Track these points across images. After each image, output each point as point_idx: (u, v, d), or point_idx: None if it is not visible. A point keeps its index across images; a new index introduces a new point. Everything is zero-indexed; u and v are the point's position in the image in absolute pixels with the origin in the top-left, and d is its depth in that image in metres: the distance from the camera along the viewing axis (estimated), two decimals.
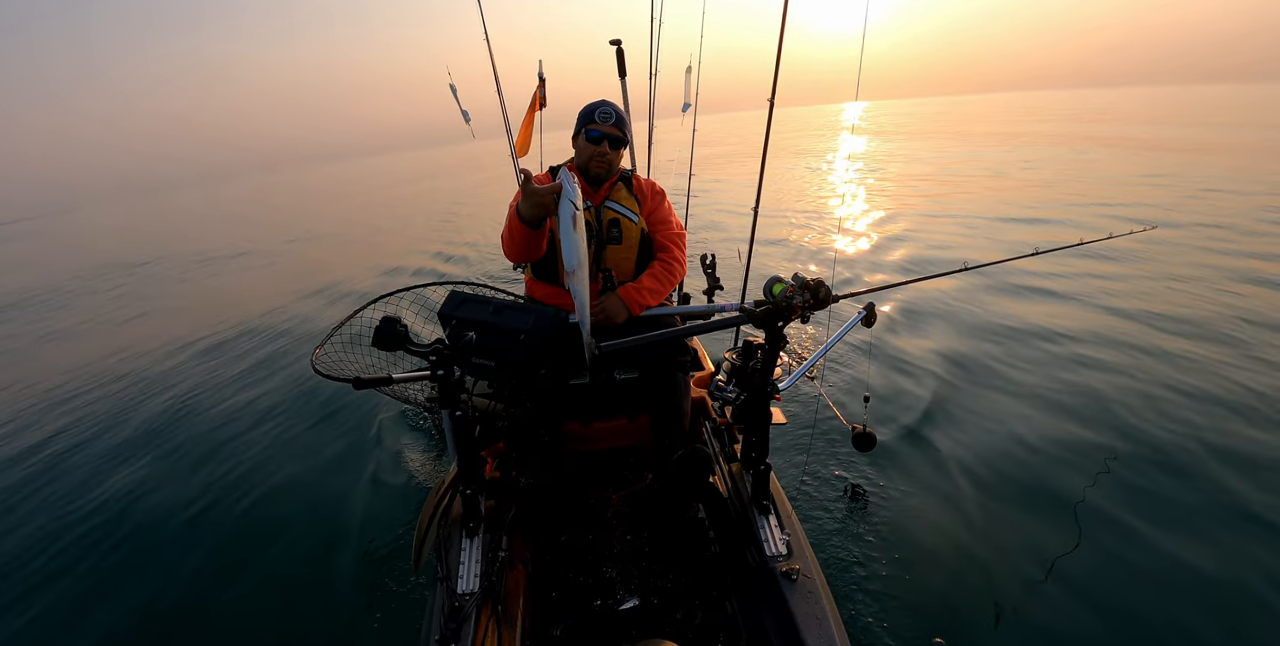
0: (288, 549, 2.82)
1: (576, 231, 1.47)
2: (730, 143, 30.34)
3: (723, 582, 1.82)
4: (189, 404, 4.64)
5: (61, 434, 4.38)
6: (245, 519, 3.09)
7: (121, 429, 4.32)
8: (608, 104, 2.12)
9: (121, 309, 8.79)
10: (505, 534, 1.75)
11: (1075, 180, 12.12)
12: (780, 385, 1.85)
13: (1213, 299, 5.03)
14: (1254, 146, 15.90)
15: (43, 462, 3.95)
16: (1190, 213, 8.26)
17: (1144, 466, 2.93)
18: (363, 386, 1.46)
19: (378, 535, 2.80)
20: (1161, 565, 2.34)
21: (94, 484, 3.60)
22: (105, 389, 5.21)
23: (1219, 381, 3.65)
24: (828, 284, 1.72)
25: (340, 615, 2.38)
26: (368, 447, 3.62)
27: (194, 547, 2.91)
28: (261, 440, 3.89)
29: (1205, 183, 10.53)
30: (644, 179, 2.30)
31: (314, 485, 3.31)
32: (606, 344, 1.63)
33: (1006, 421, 3.40)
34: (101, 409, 4.76)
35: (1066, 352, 4.23)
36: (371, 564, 2.62)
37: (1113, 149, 17.43)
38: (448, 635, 1.44)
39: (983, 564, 2.40)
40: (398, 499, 3.06)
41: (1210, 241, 6.82)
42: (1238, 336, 4.26)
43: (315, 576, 2.61)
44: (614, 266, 2.16)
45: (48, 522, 3.23)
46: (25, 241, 29.43)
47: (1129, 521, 2.57)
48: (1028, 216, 8.97)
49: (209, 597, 2.59)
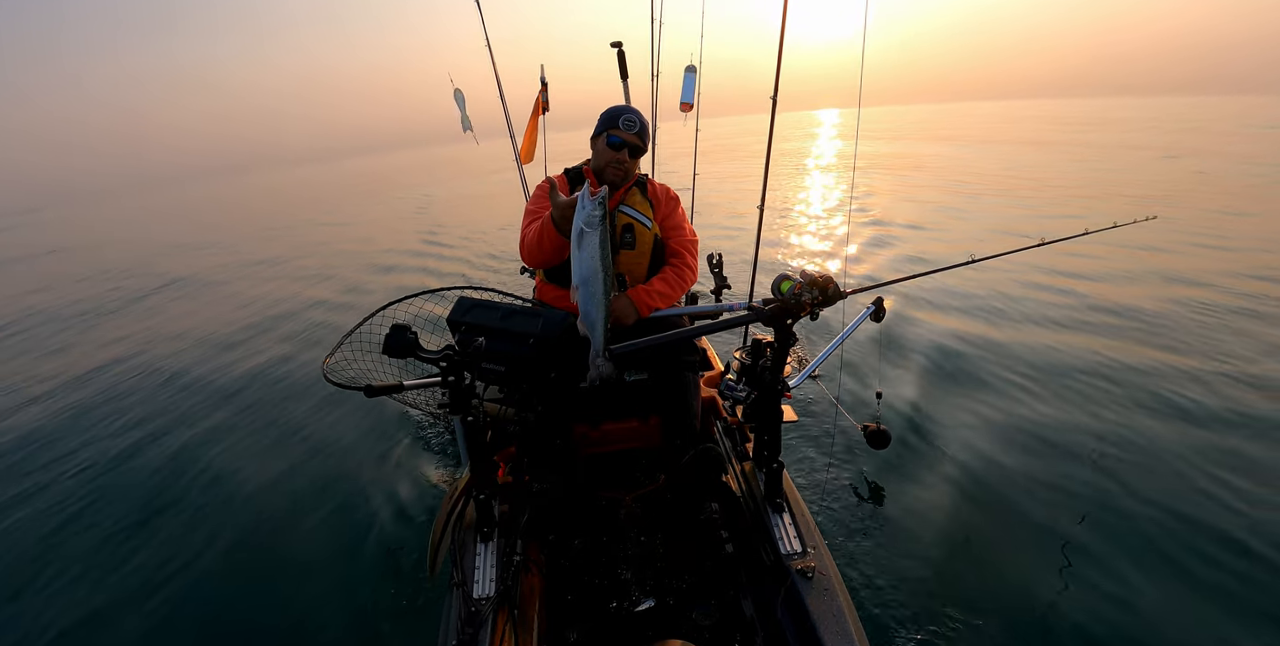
0: (303, 555, 2.84)
1: (582, 249, 1.53)
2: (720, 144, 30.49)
3: (738, 582, 1.82)
4: (183, 414, 4.67)
5: (62, 435, 4.42)
6: (258, 524, 3.11)
7: (123, 430, 4.36)
8: (632, 111, 2.10)
9: (126, 308, 8.88)
10: (520, 538, 1.75)
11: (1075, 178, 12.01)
12: (791, 382, 1.85)
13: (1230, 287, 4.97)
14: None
15: (47, 465, 3.99)
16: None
17: (1183, 456, 2.89)
18: (374, 394, 1.47)
19: (393, 542, 2.82)
20: (1204, 567, 2.31)
21: (93, 483, 3.64)
22: (103, 396, 5.26)
23: (1242, 373, 3.61)
24: (836, 280, 1.71)
25: (356, 621, 2.39)
26: (380, 455, 3.64)
27: (206, 551, 2.93)
28: (273, 448, 3.92)
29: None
30: (659, 184, 2.29)
31: (328, 493, 3.32)
32: (617, 346, 1.64)
33: (1023, 415, 3.37)
34: (100, 414, 4.81)
35: (1080, 342, 4.19)
36: (387, 570, 2.63)
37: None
38: (465, 640, 1.45)
39: (1000, 558, 2.39)
40: (412, 505, 3.07)
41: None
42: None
43: (330, 583, 2.63)
44: (627, 272, 2.17)
45: (45, 534, 3.27)
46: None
47: (1157, 513, 2.54)
48: (1032, 213, 8.91)
49: (221, 601, 2.61)
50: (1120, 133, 24.99)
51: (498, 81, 3.71)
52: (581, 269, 1.57)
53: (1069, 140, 22.33)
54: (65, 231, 26.66)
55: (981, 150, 18.01)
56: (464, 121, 3.85)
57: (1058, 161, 15.47)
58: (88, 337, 7.51)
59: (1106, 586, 2.22)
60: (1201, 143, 19.05)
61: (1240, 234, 7.11)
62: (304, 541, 2.95)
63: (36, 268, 14.83)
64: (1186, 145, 18.35)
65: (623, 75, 3.40)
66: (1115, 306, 4.88)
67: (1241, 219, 7.94)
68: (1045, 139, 22.80)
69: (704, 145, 4.01)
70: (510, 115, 3.70)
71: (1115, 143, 20.75)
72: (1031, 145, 19.69)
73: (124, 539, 3.13)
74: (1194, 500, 2.62)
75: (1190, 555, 2.34)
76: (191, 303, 8.95)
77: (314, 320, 7.10)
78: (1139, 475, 2.80)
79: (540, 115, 3.57)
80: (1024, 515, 2.62)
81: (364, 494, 3.25)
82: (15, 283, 12.59)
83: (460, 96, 3.79)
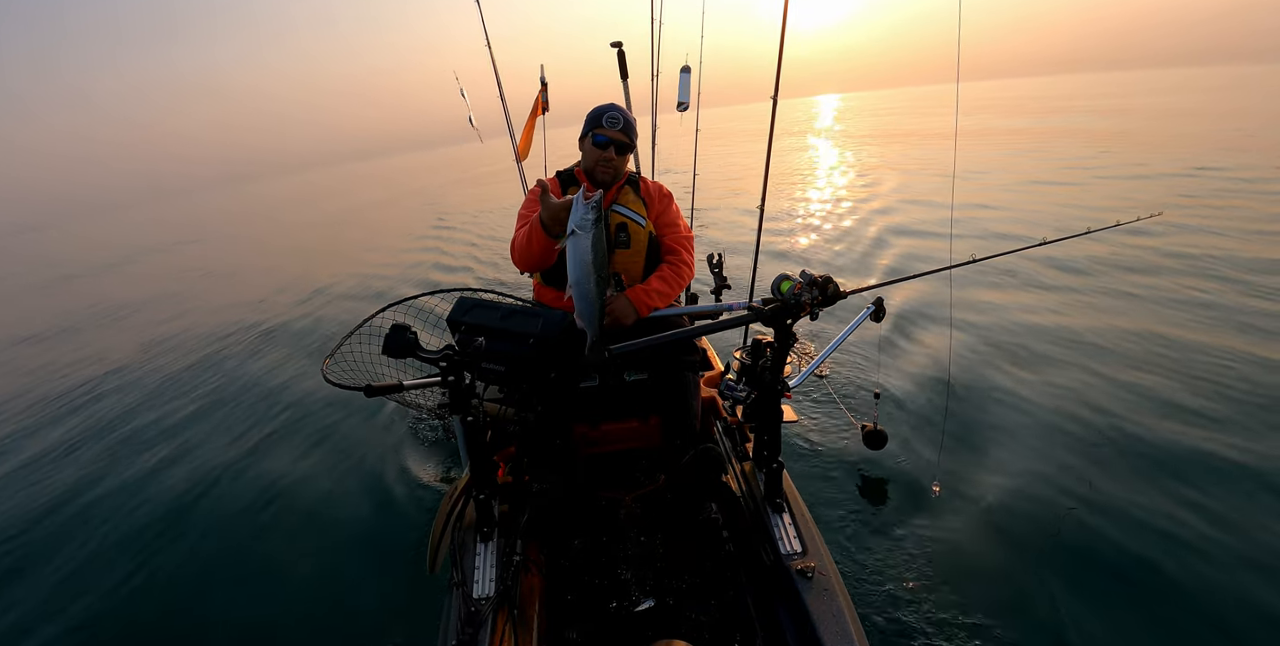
0: (303, 555, 2.84)
1: (574, 251, 1.56)
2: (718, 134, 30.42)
3: (738, 582, 1.82)
4: (186, 414, 4.67)
5: (60, 436, 4.43)
6: (258, 524, 3.11)
7: (123, 433, 4.37)
8: (616, 109, 2.11)
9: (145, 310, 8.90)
10: (519, 538, 1.75)
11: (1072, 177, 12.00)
12: (791, 382, 1.84)
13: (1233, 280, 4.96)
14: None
15: (52, 468, 4.00)
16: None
17: (1173, 455, 2.89)
18: (374, 394, 1.47)
19: (392, 541, 2.82)
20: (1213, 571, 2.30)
21: (95, 484, 3.64)
22: (104, 402, 5.27)
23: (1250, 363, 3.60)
24: (835, 280, 1.71)
25: (356, 621, 2.39)
26: (380, 454, 3.64)
27: (206, 551, 2.94)
28: (273, 447, 3.92)
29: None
30: (651, 182, 2.30)
31: (328, 493, 3.33)
32: (617, 346, 1.64)
33: (1024, 415, 3.36)
34: (100, 418, 4.82)
35: (1083, 340, 4.18)
36: (387, 570, 2.64)
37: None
38: (464, 640, 1.45)
39: (1001, 560, 2.38)
40: (412, 505, 3.08)
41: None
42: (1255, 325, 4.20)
43: (331, 583, 2.63)
44: (623, 271, 2.17)
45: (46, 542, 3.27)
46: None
47: (1159, 515, 2.54)
48: (1026, 208, 8.90)
49: (221, 602, 2.62)
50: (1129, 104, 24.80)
51: (498, 80, 3.71)
52: (575, 270, 1.58)
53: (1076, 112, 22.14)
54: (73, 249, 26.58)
55: (982, 136, 18.00)
56: (469, 118, 3.92)
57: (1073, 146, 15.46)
58: (88, 339, 7.53)
59: (1108, 588, 2.22)
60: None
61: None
62: (304, 541, 2.95)
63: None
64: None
65: (623, 75, 3.40)
66: (1121, 296, 4.87)
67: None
68: (1051, 115, 22.63)
69: (700, 141, 4.01)
70: (510, 114, 3.71)
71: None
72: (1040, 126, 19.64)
73: (121, 539, 3.13)
74: (1196, 501, 2.62)
75: (1195, 555, 2.33)
76: (192, 300, 8.96)
77: (313, 321, 7.10)
78: (1141, 476, 2.79)
79: (540, 115, 3.57)
80: (1025, 517, 2.61)
81: (364, 493, 3.25)
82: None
83: (465, 96, 3.86)
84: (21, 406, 5.54)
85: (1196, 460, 2.82)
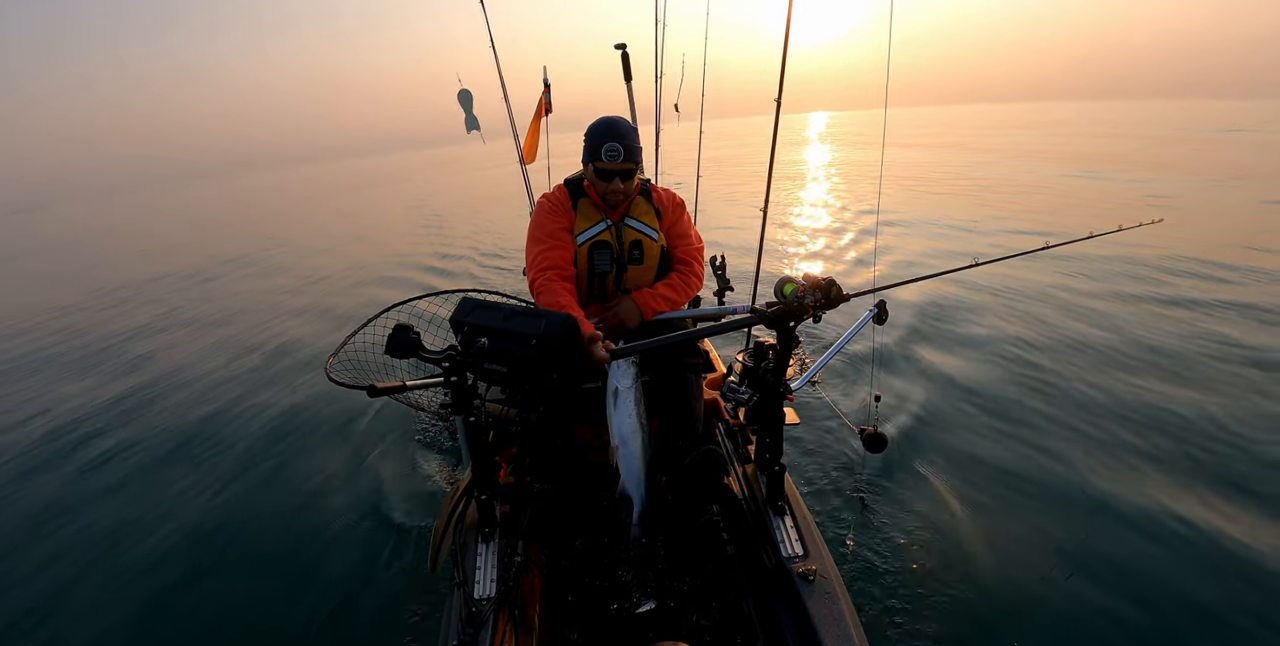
0: (303, 555, 2.84)
1: (619, 408, 1.66)
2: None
3: (739, 584, 1.81)
4: (194, 412, 4.67)
5: (58, 438, 4.43)
6: (258, 524, 3.12)
7: (123, 434, 4.36)
8: (614, 138, 1.98)
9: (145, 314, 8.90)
10: (521, 538, 1.75)
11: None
12: (793, 385, 1.84)
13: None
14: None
15: (54, 471, 4.00)
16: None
17: (1168, 458, 2.89)
18: (377, 394, 1.47)
19: (393, 542, 2.82)
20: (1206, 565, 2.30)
21: (96, 484, 3.65)
22: (111, 399, 5.27)
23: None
24: (838, 282, 1.71)
25: (357, 621, 2.39)
26: (381, 455, 3.64)
27: (205, 552, 2.94)
28: (275, 447, 3.92)
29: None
30: (664, 190, 2.27)
31: (329, 493, 3.33)
32: (618, 348, 1.64)
33: (1022, 419, 3.36)
34: (105, 418, 4.82)
35: (1082, 345, 4.18)
36: (388, 570, 2.64)
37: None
38: (465, 640, 1.45)
39: (1003, 563, 2.38)
40: (414, 505, 3.08)
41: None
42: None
43: (331, 583, 2.63)
44: (635, 286, 2.19)
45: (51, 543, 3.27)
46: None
47: (1157, 514, 2.54)
48: (1029, 216, 8.91)
49: (220, 601, 2.62)
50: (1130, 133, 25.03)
51: (501, 82, 3.70)
52: (621, 428, 1.66)
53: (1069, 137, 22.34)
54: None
55: (983, 154, 18.10)
56: (469, 122, 3.79)
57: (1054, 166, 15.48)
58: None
59: (1111, 590, 2.21)
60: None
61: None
62: (304, 541, 2.95)
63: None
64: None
65: (626, 77, 3.40)
66: (1117, 311, 4.87)
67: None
68: (1045, 142, 22.90)
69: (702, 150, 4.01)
70: (514, 116, 3.69)
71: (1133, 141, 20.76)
72: (1029, 149, 19.74)
73: (119, 540, 3.13)
74: (1197, 502, 2.61)
75: (1200, 558, 2.33)
76: (188, 298, 8.96)
77: (314, 320, 7.11)
78: (1143, 477, 2.79)
79: (543, 117, 3.56)
80: (1026, 519, 2.61)
81: (365, 494, 3.25)
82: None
83: (467, 96, 3.71)
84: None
85: (1217, 474, 2.82)
